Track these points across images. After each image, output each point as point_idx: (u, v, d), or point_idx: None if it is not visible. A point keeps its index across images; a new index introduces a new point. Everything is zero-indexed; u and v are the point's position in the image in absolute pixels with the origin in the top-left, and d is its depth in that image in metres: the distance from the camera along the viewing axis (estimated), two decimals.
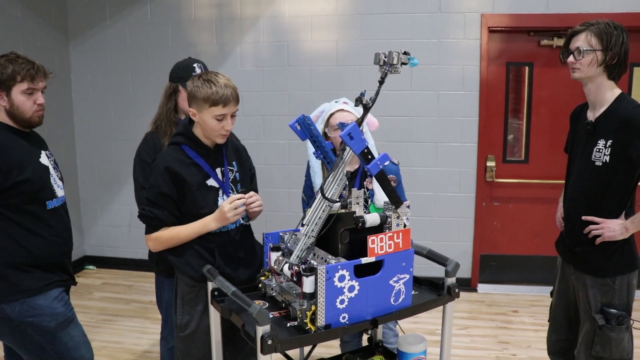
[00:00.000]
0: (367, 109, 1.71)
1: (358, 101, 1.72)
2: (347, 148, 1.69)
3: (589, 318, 2.28)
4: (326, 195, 1.70)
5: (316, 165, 2.58)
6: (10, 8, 4.33)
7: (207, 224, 2.08)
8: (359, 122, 1.69)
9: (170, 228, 2.10)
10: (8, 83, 2.08)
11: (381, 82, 1.70)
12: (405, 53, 1.66)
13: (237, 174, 2.25)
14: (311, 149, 1.92)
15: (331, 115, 2.52)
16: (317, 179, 2.57)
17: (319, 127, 2.54)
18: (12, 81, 2.08)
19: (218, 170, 2.18)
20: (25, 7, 4.48)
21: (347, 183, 1.76)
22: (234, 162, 2.26)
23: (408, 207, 2.61)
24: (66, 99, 5.08)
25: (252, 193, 2.13)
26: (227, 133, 2.12)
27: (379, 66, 1.69)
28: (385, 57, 1.67)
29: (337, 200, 1.73)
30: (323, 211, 1.71)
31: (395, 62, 1.65)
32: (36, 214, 2.15)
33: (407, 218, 2.56)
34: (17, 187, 2.08)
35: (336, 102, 2.56)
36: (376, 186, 2.47)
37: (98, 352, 3.56)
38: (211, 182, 2.15)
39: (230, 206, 2.02)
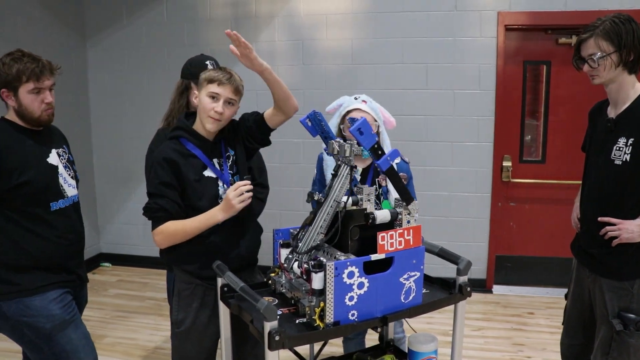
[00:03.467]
0: (320, 205, 1.72)
1: (310, 196, 1.78)
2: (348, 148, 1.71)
3: (606, 323, 2.20)
4: (334, 198, 1.71)
5: (330, 159, 2.56)
6: (28, 8, 4.39)
7: (214, 215, 2.05)
8: (309, 218, 1.73)
9: (176, 221, 2.07)
10: (14, 84, 2.06)
11: (334, 175, 1.71)
12: (358, 144, 1.66)
13: (234, 158, 2.24)
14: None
15: (347, 112, 2.49)
16: (329, 174, 2.54)
17: (335, 121, 2.52)
18: (18, 82, 2.06)
19: (215, 161, 2.18)
20: (43, 7, 4.53)
21: (356, 179, 1.75)
22: (230, 149, 2.23)
23: None
24: (83, 98, 5.13)
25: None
26: (216, 117, 2.09)
27: (333, 155, 1.72)
28: (338, 148, 1.69)
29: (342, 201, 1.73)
30: (331, 207, 1.71)
31: (348, 154, 1.67)
32: (39, 215, 2.14)
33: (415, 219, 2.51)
34: (17, 189, 2.07)
35: (355, 98, 2.51)
36: (390, 184, 2.45)
37: (112, 348, 3.60)
38: (208, 172, 2.15)
39: (234, 193, 1.99)
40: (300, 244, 1.74)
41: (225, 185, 2.16)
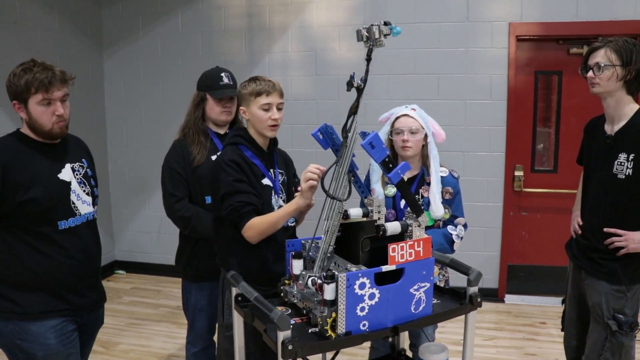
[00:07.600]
0: (360, 91, 1.72)
1: (349, 85, 1.74)
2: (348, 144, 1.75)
3: (600, 324, 2.32)
4: (329, 193, 1.74)
5: (374, 164, 2.53)
6: (48, 20, 4.50)
7: (296, 200, 2.05)
8: (354, 105, 1.72)
9: (261, 217, 2.11)
10: (24, 95, 1.96)
11: (368, 60, 1.71)
12: (385, 23, 1.66)
13: (285, 178, 2.37)
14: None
15: (396, 118, 2.53)
16: (374, 176, 2.57)
17: (386, 129, 2.55)
18: (27, 93, 1.95)
19: (271, 171, 2.29)
20: (62, 18, 4.63)
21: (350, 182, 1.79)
22: (283, 170, 2.37)
23: (464, 225, 2.52)
24: (99, 107, 5.23)
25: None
26: (275, 123, 2.20)
27: (363, 43, 1.71)
28: (367, 32, 1.68)
29: (342, 199, 1.76)
30: (337, 213, 1.74)
31: (377, 35, 1.67)
32: (46, 234, 2.02)
33: (457, 235, 2.45)
34: (22, 206, 1.97)
35: (406, 107, 2.57)
36: (432, 195, 2.43)
37: (125, 355, 3.64)
38: (266, 181, 2.25)
39: (305, 176, 1.98)
40: (316, 265, 1.77)
41: (276, 195, 2.25)
